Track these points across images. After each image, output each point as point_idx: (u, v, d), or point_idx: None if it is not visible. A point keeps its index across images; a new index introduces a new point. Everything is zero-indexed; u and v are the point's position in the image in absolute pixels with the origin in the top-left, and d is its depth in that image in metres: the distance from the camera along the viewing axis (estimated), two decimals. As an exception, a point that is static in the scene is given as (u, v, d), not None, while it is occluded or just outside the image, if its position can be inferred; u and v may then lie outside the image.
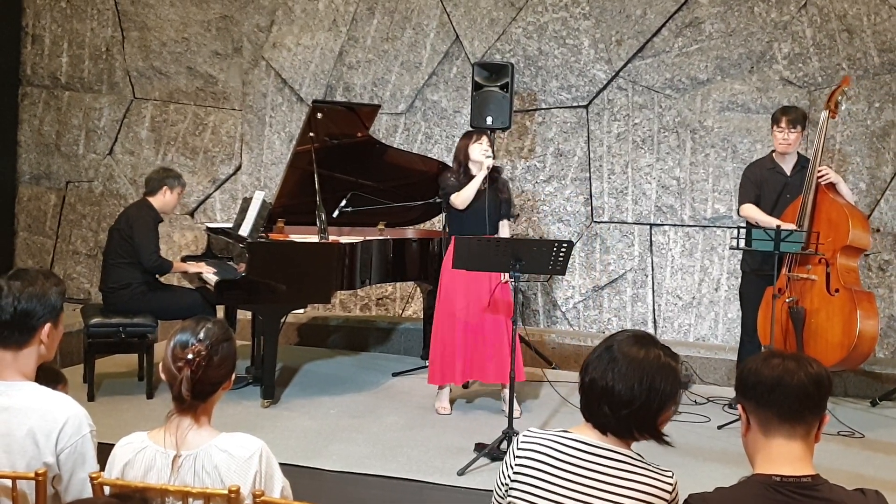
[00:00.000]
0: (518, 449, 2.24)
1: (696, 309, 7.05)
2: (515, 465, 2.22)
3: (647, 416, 2.14)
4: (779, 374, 2.01)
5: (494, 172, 5.52)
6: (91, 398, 5.51)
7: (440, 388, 5.58)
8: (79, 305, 6.62)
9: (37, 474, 2.31)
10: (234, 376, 2.43)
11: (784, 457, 2.00)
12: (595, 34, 7.15)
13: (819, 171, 5.35)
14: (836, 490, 1.98)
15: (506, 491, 2.23)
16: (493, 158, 5.52)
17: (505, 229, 5.60)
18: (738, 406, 2.10)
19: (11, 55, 8.40)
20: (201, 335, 2.35)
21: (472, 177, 5.46)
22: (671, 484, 2.16)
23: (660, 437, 2.20)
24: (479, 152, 5.46)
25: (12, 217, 8.54)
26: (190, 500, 2.28)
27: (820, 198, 5.36)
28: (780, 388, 2.00)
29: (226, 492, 2.25)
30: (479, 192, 5.43)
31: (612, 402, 2.13)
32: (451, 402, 5.62)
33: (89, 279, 8.27)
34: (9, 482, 2.33)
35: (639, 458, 2.19)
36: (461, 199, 5.42)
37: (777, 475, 1.97)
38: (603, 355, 2.19)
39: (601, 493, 2.13)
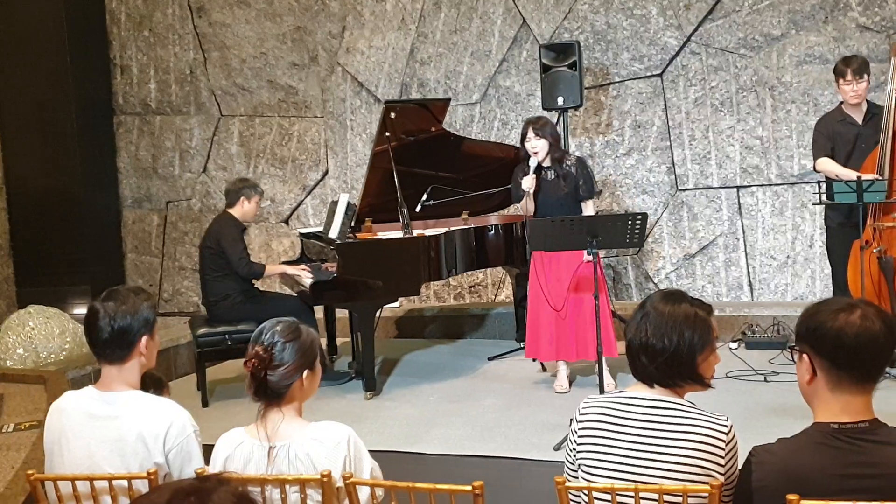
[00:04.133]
0: (580, 415, 2.38)
1: (792, 268, 6.95)
2: (579, 429, 2.36)
3: (681, 362, 2.29)
4: (863, 338, 1.99)
5: (556, 154, 5.51)
6: (205, 404, 5.80)
7: (556, 368, 5.71)
8: (188, 318, 6.96)
9: (149, 474, 2.53)
10: (306, 373, 2.54)
11: (848, 409, 2.03)
12: (662, 1, 7.10)
13: None
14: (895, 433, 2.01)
15: (574, 456, 2.36)
16: (553, 140, 5.48)
17: (589, 209, 5.55)
18: (804, 356, 2.08)
19: (104, 87, 8.86)
20: (265, 338, 2.51)
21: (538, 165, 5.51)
22: (727, 426, 2.27)
23: (702, 381, 2.34)
24: (529, 147, 5.49)
25: (120, 240, 9.03)
26: (287, 486, 2.45)
27: None
28: (863, 353, 2.00)
29: (318, 476, 2.42)
30: (547, 186, 5.49)
31: (648, 354, 2.30)
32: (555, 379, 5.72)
33: (196, 292, 8.64)
34: (125, 482, 2.55)
35: (691, 405, 2.31)
36: (521, 211, 5.56)
37: (835, 422, 2.02)
38: (637, 314, 2.36)
39: (660, 440, 2.26)
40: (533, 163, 5.44)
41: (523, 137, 5.53)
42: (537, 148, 5.43)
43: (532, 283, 5.58)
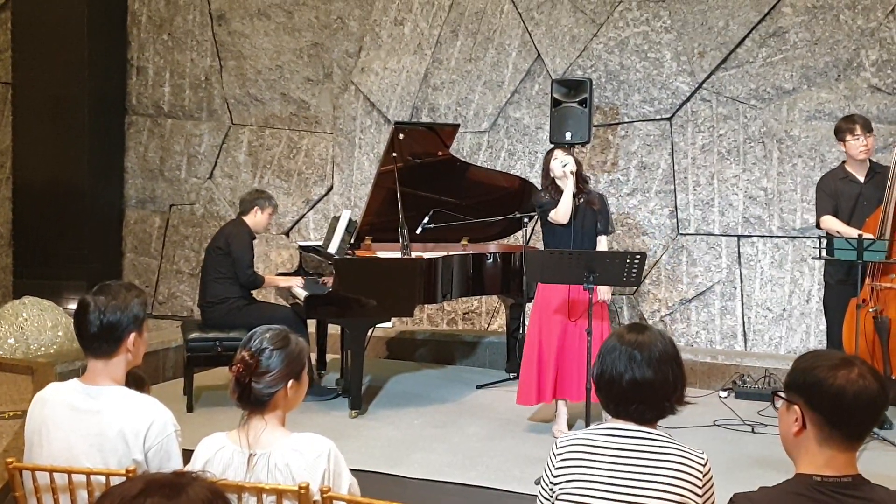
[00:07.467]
0: (557, 449, 2.39)
1: (787, 321, 6.95)
2: (557, 463, 2.36)
3: (669, 394, 2.36)
4: (862, 398, 1.98)
5: (582, 184, 5.42)
6: (190, 409, 5.79)
7: (556, 411, 5.44)
8: (181, 322, 6.97)
9: (127, 471, 2.51)
10: (291, 383, 2.51)
11: (832, 463, 2.02)
12: (677, 47, 7.16)
13: None
14: (878, 490, 2.00)
15: (551, 491, 2.36)
16: (578, 166, 5.40)
17: (602, 245, 5.45)
18: (795, 407, 2.05)
19: (118, 86, 8.91)
20: (254, 343, 2.51)
21: (561, 192, 5.37)
22: (703, 459, 2.33)
23: (674, 411, 2.41)
24: (558, 167, 5.38)
25: (120, 239, 9.04)
26: (264, 495, 2.44)
27: None
28: (860, 412, 1.99)
29: (296, 488, 2.41)
30: (573, 208, 5.34)
31: (643, 388, 2.33)
32: (545, 420, 5.59)
33: (192, 297, 8.65)
34: (103, 479, 2.54)
35: (669, 437, 2.36)
36: (560, 213, 5.29)
37: (818, 475, 2.00)
38: (620, 349, 2.36)
39: (640, 468, 2.28)
40: (570, 181, 5.28)
41: (548, 161, 5.42)
42: (568, 161, 5.31)
43: (536, 319, 5.32)
